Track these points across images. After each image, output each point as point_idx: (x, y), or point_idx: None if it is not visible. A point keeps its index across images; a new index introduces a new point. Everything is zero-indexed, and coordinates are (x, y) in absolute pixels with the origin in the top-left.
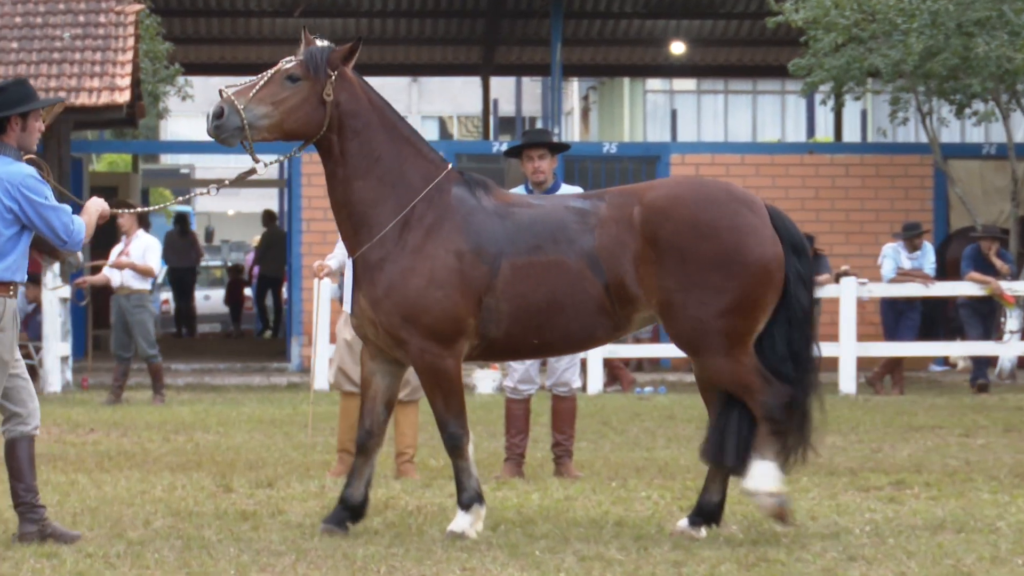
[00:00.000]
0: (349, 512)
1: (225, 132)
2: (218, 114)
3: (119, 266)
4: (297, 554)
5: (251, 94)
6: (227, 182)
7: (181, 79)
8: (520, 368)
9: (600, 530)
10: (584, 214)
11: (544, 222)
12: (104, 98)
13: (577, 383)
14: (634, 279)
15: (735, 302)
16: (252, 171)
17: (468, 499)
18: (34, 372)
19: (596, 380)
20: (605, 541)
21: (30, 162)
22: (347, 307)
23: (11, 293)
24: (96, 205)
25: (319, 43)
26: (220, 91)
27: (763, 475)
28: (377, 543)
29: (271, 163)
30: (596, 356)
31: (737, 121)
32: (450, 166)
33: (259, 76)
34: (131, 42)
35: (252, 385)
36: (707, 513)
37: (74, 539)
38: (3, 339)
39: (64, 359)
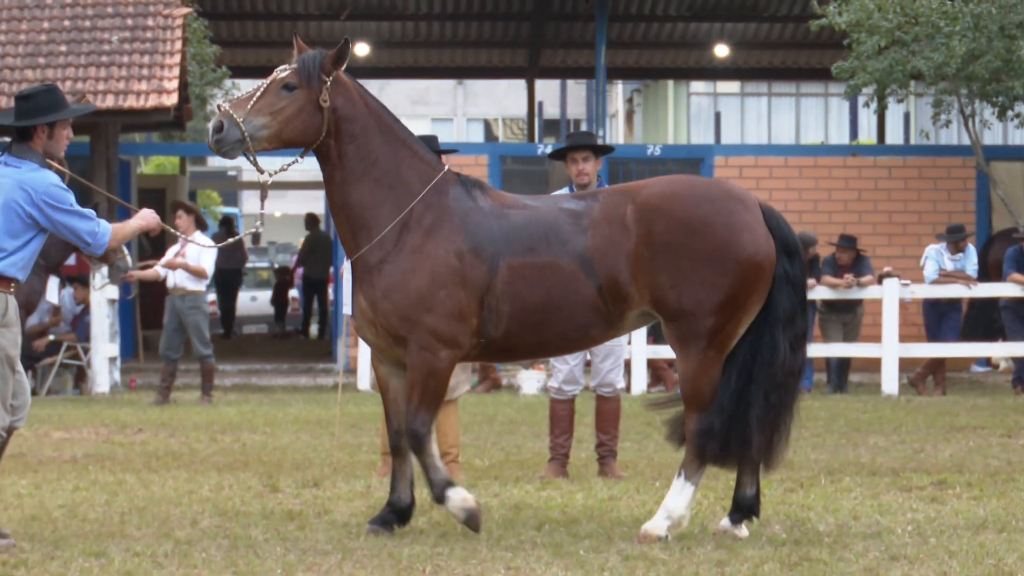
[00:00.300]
0: (397, 515)
1: (226, 145)
2: (218, 128)
3: (171, 266)
4: (343, 553)
5: (248, 106)
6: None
7: (228, 82)
8: (564, 369)
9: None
10: (578, 215)
11: (538, 223)
12: (152, 101)
13: (621, 384)
14: (628, 277)
15: (727, 298)
16: (265, 184)
17: (439, 491)
18: (83, 373)
19: (640, 381)
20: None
21: (56, 171)
22: (347, 309)
23: (11, 289)
24: (146, 215)
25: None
26: (218, 106)
27: (683, 500)
28: (423, 542)
29: (278, 171)
30: (640, 357)
31: (780, 123)
32: (447, 167)
33: (256, 87)
34: (178, 45)
35: (298, 386)
36: (745, 508)
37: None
38: (7, 335)
39: (112, 360)
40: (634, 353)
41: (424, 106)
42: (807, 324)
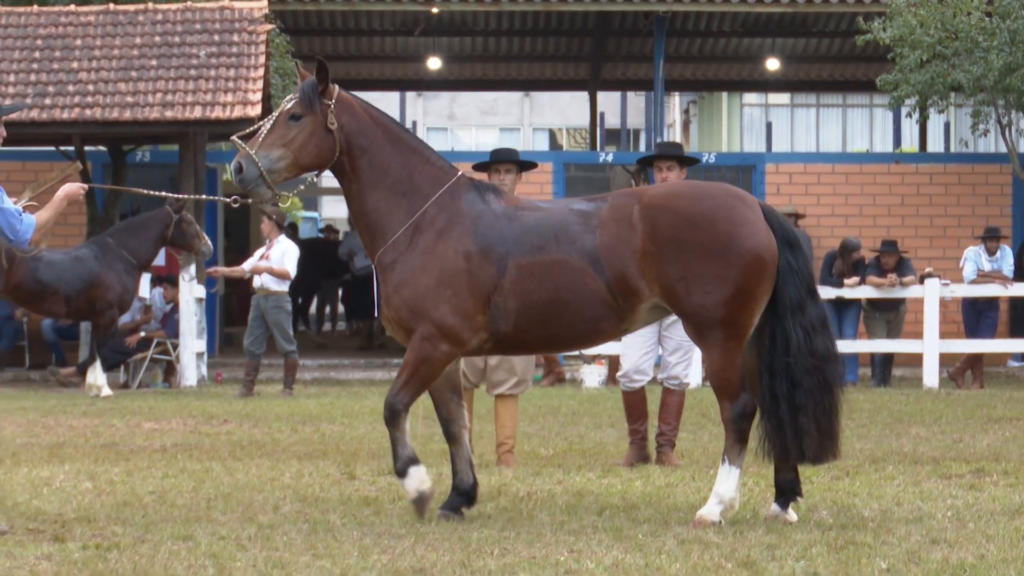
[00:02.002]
0: (463, 497)
1: (250, 184)
2: (238, 169)
3: (258, 271)
4: (416, 537)
5: (260, 141)
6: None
7: None
8: (629, 361)
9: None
10: (587, 215)
11: (548, 224)
12: (237, 112)
13: (688, 378)
14: (636, 273)
15: (734, 291)
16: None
17: (402, 465)
18: (172, 367)
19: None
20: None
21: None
22: (377, 312)
23: None
24: (66, 189)
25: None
26: (232, 141)
27: (732, 483)
28: (490, 527)
29: (295, 192)
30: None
31: (828, 133)
32: (460, 172)
33: (265, 120)
34: (262, 59)
35: (375, 379)
36: (788, 490)
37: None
38: None
39: (199, 355)
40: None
41: (492, 116)
42: (822, 311)
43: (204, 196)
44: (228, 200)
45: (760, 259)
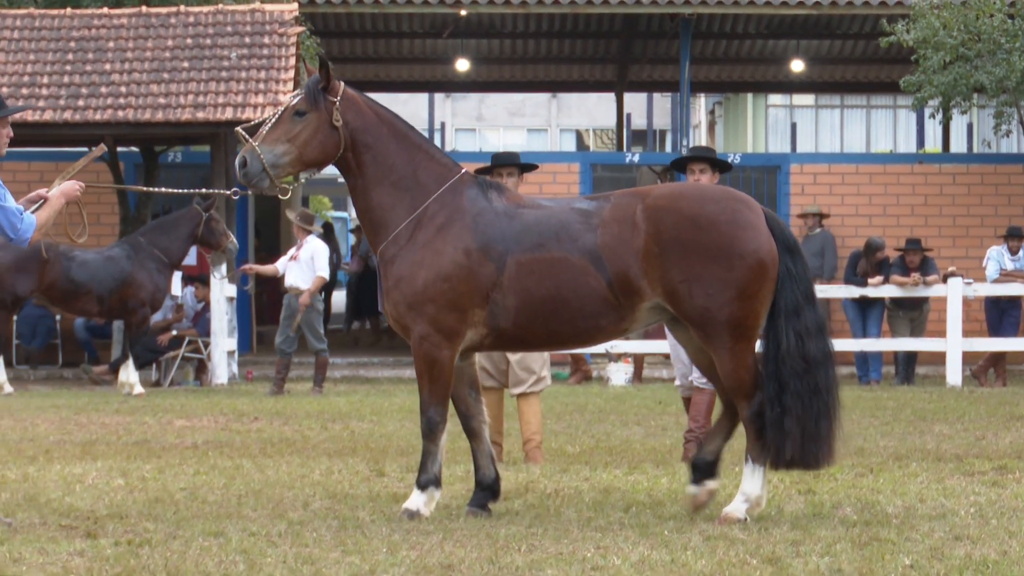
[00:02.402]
0: (488, 492)
1: (254, 178)
2: (243, 164)
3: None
4: (444, 533)
5: (265, 135)
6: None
7: None
8: (681, 370)
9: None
10: (588, 215)
11: (549, 222)
12: (267, 113)
13: None
14: (639, 272)
15: (737, 294)
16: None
17: (426, 480)
18: (203, 365)
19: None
20: (728, 521)
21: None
22: (380, 306)
23: None
24: (64, 188)
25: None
26: (237, 131)
27: (756, 480)
28: (518, 523)
29: (295, 185)
30: None
31: (852, 133)
32: (464, 169)
33: (271, 114)
34: (292, 61)
35: (403, 377)
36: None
37: (3, 523)
38: None
39: (230, 353)
40: None
41: (520, 117)
42: (820, 316)
43: (203, 190)
44: (228, 193)
45: (762, 262)
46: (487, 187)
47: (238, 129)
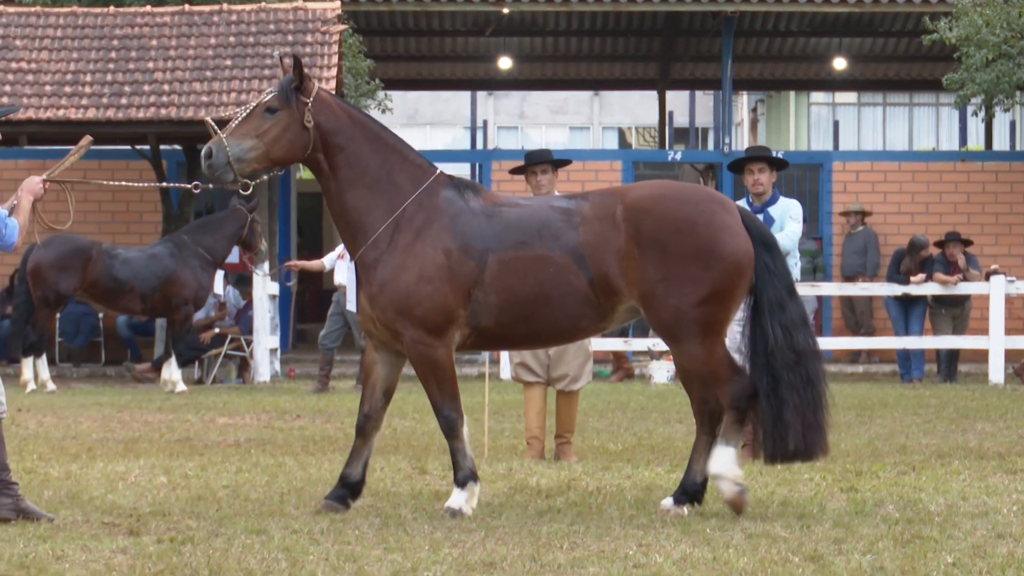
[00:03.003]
0: (348, 489)
1: (217, 170)
2: (208, 155)
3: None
4: (486, 531)
5: (233, 129)
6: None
7: (381, 93)
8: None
9: (766, 509)
10: (569, 213)
11: (529, 220)
12: None
13: None
14: (618, 273)
15: (711, 293)
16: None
17: (463, 478)
18: (245, 363)
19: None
20: (770, 519)
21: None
22: (351, 306)
23: None
24: (27, 186)
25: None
26: (206, 121)
27: (726, 460)
28: (560, 521)
29: (258, 181)
30: None
31: (895, 131)
32: (439, 170)
33: (241, 109)
34: (335, 60)
35: None
36: (691, 493)
37: (46, 518)
38: None
39: (273, 351)
40: None
41: (563, 115)
42: (802, 309)
43: (167, 184)
44: (189, 187)
45: (739, 263)
46: (463, 187)
47: (207, 119)
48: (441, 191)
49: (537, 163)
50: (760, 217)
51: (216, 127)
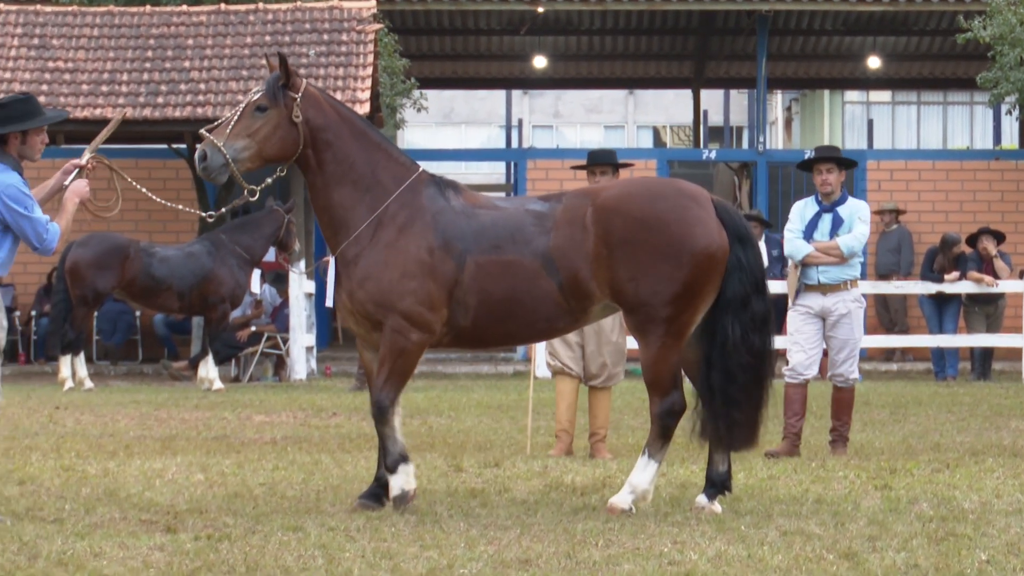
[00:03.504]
0: (383, 488)
1: (213, 171)
2: (202, 157)
3: None
4: (521, 528)
5: (227, 131)
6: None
7: (416, 92)
8: (801, 355)
9: (801, 507)
10: (542, 217)
11: (505, 223)
12: None
13: (854, 375)
14: (589, 275)
15: (683, 290)
16: (245, 199)
17: (393, 462)
18: (282, 361)
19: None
20: (805, 517)
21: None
22: (329, 302)
23: None
24: (75, 188)
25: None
26: (200, 134)
27: (646, 478)
28: (595, 518)
29: (261, 187)
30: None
31: (928, 130)
32: (421, 168)
33: (233, 111)
34: (371, 59)
35: (481, 373)
36: (718, 483)
37: None
38: None
39: (309, 349)
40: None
41: (597, 114)
42: (766, 307)
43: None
44: (204, 215)
45: (712, 257)
46: (444, 186)
47: (202, 131)
48: (424, 189)
49: (597, 163)
50: (829, 217)
51: (208, 135)
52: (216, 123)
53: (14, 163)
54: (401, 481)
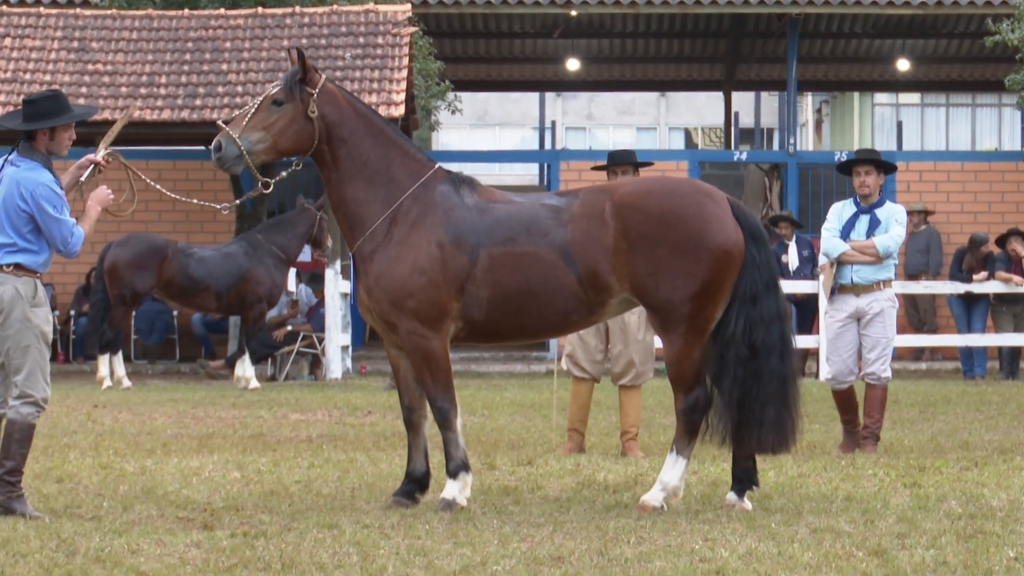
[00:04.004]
0: (415, 484)
1: (227, 162)
2: (217, 147)
3: None
4: (554, 526)
5: (243, 123)
6: (235, 202)
7: (451, 94)
8: (837, 362)
9: (830, 504)
10: (558, 211)
11: (519, 217)
12: (381, 112)
13: (886, 373)
14: (607, 268)
15: (702, 285)
16: (259, 191)
17: (455, 468)
18: (317, 360)
19: (824, 368)
20: (835, 514)
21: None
22: (354, 300)
23: (38, 275)
24: (97, 196)
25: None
26: (217, 124)
27: (676, 474)
28: (627, 516)
29: (276, 180)
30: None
31: (957, 132)
32: (437, 165)
33: (250, 105)
34: (406, 61)
35: (514, 372)
36: (744, 479)
37: (33, 517)
38: (40, 313)
39: (344, 348)
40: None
41: (629, 116)
42: (779, 304)
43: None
44: (219, 207)
45: (728, 254)
46: (459, 182)
47: (219, 122)
48: (438, 186)
49: (618, 163)
50: (866, 218)
51: (224, 127)
52: (235, 116)
53: (44, 160)
54: (456, 489)
